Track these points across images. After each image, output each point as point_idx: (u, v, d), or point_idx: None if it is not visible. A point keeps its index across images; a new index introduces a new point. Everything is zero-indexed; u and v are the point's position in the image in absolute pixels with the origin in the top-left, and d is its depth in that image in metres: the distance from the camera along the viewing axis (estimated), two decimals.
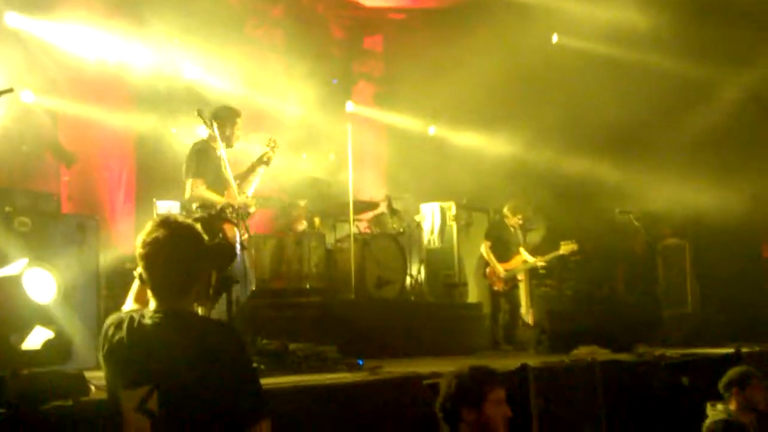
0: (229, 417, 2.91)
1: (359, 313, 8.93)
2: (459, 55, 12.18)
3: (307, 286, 9.54)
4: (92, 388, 3.99)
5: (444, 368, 4.61)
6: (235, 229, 7.14)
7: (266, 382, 5.05)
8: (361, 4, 13.39)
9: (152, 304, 3.08)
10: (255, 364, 5.65)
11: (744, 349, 8.08)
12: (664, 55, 11.83)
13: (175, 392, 2.90)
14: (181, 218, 3.15)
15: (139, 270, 3.11)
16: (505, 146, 12.29)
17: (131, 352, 2.99)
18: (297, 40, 12.16)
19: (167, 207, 9.42)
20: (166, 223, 3.07)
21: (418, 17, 14.07)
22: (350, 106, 12.13)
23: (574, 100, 12.18)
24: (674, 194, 11.48)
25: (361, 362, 6.69)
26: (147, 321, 3.01)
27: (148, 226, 3.08)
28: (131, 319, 3.04)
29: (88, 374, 4.11)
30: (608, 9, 11.75)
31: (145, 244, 3.04)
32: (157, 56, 10.25)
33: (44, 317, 5.57)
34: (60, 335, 5.44)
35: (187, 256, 3.06)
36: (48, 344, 5.35)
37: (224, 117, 7.46)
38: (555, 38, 12.74)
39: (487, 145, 12.45)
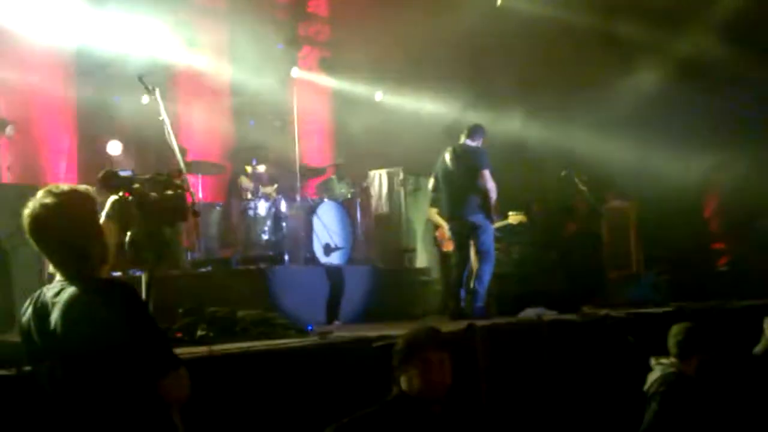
0: (134, 376, 2.88)
1: (308, 279, 8.93)
2: (404, 18, 12.11)
3: (255, 254, 9.49)
4: None
5: (393, 332, 4.62)
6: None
7: (215, 349, 5.07)
8: None
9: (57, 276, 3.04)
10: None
11: (687, 308, 8.23)
12: (611, 17, 11.91)
13: (77, 362, 2.87)
14: (65, 186, 3.07)
15: None
16: (450, 110, 12.28)
17: (36, 327, 2.97)
18: (241, 4, 12.00)
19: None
20: (47, 193, 3.00)
21: None
22: (296, 71, 12.00)
23: (520, 62, 12.21)
24: (620, 156, 11.60)
25: (310, 327, 6.70)
26: (48, 294, 2.99)
27: (35, 197, 3.02)
28: (40, 293, 3.02)
29: None
30: None
31: (29, 217, 2.98)
32: (96, 23, 10.04)
33: None
34: (1, 303, 5.36)
35: (71, 220, 2.99)
36: None
37: None
38: (499, 1, 12.73)
39: (433, 109, 12.43)
